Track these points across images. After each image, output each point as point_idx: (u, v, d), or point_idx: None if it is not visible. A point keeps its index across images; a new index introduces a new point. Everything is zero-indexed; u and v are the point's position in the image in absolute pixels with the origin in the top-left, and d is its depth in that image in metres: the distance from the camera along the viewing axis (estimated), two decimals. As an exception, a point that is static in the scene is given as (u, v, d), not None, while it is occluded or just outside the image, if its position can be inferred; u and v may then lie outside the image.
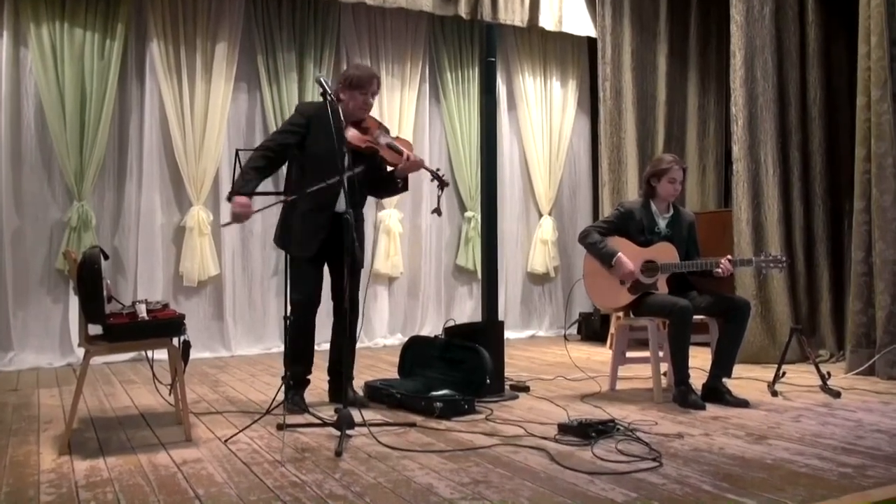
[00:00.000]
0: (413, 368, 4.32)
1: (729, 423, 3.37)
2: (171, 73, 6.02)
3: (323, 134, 3.58)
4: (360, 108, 3.72)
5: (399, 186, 3.88)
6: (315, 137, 3.68)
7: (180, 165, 6.05)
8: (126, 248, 5.98)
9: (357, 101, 3.70)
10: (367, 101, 3.74)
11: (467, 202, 7.12)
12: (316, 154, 3.64)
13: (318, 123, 3.66)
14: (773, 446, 2.95)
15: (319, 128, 3.65)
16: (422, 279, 6.96)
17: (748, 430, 3.24)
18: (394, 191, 3.94)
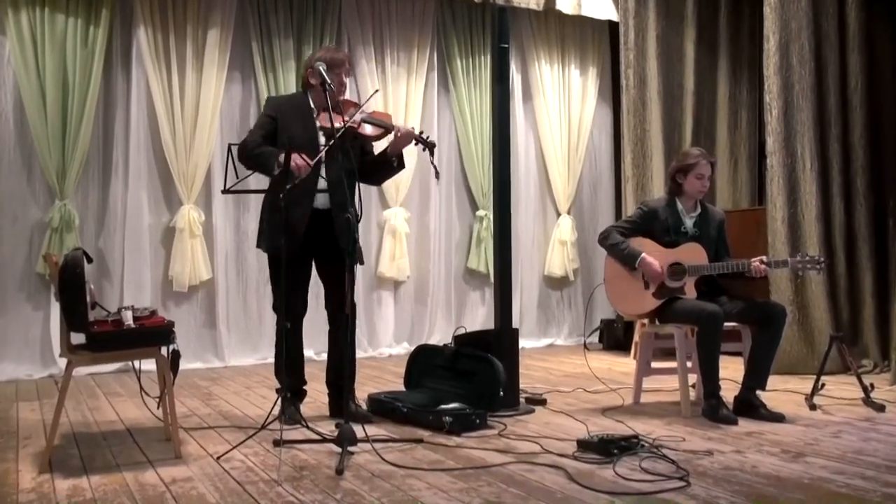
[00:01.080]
0: (420, 380, 4.32)
1: (763, 440, 3.36)
2: (159, 62, 6.01)
3: (292, 123, 3.75)
4: (337, 91, 3.76)
5: (395, 166, 3.92)
6: (285, 127, 3.78)
7: (169, 161, 6.04)
8: (111, 251, 5.98)
9: (334, 83, 3.72)
10: (341, 82, 3.82)
11: (479, 200, 7.10)
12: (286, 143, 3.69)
13: (286, 113, 3.81)
14: (810, 464, 2.94)
15: (288, 117, 3.79)
16: (430, 283, 6.95)
17: (784, 446, 3.23)
18: (389, 171, 3.97)
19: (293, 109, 3.86)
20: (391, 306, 6.83)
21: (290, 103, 3.92)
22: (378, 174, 4.02)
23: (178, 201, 6.11)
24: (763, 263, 3.89)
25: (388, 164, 3.92)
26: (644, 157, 6.57)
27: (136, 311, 3.25)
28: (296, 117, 3.83)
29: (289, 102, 3.94)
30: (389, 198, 6.78)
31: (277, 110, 3.86)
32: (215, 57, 6.15)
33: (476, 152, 7.08)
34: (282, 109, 3.87)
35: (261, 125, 3.85)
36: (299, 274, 3.83)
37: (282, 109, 3.87)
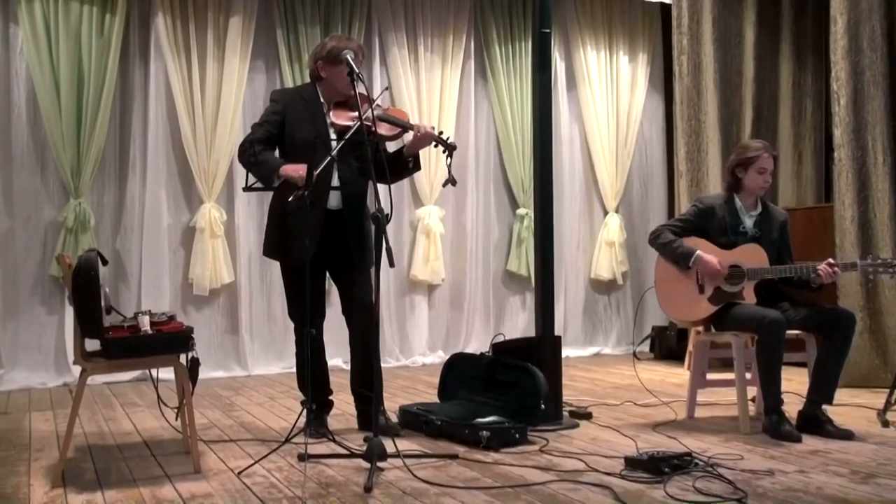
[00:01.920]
0: (456, 391, 4.32)
1: (829, 459, 3.32)
2: (178, 52, 6.09)
3: (301, 119, 3.77)
4: (348, 85, 3.65)
5: (410, 166, 3.92)
6: (292, 124, 3.79)
7: (189, 157, 6.11)
8: (128, 252, 6.06)
9: (344, 77, 3.67)
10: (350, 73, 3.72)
11: (519, 197, 7.10)
12: (294, 142, 3.74)
13: (294, 109, 3.81)
14: (882, 486, 2.90)
15: (296, 112, 3.80)
16: (466, 287, 6.97)
17: (853, 466, 3.19)
18: (404, 172, 3.97)
19: (302, 104, 3.85)
20: (425, 312, 6.85)
21: (299, 97, 3.90)
22: (392, 174, 3.90)
23: (199, 200, 6.17)
24: (830, 267, 3.82)
25: (404, 164, 3.91)
26: (699, 150, 6.51)
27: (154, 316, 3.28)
28: (305, 113, 3.82)
29: (297, 96, 3.92)
30: (423, 195, 6.80)
31: (285, 105, 3.85)
32: (238, 46, 6.21)
33: (516, 146, 7.06)
34: (289, 104, 3.86)
35: (265, 122, 3.83)
36: (315, 279, 3.82)
37: (289, 104, 3.86)
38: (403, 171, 3.95)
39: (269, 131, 3.79)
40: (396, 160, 3.91)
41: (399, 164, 3.90)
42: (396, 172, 3.92)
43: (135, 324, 3.21)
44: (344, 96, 3.83)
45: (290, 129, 3.79)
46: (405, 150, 3.88)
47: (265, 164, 3.65)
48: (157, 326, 3.22)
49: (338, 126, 3.78)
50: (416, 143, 3.82)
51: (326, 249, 3.80)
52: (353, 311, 3.88)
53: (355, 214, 3.83)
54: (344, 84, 3.72)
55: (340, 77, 3.73)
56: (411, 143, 3.82)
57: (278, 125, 3.80)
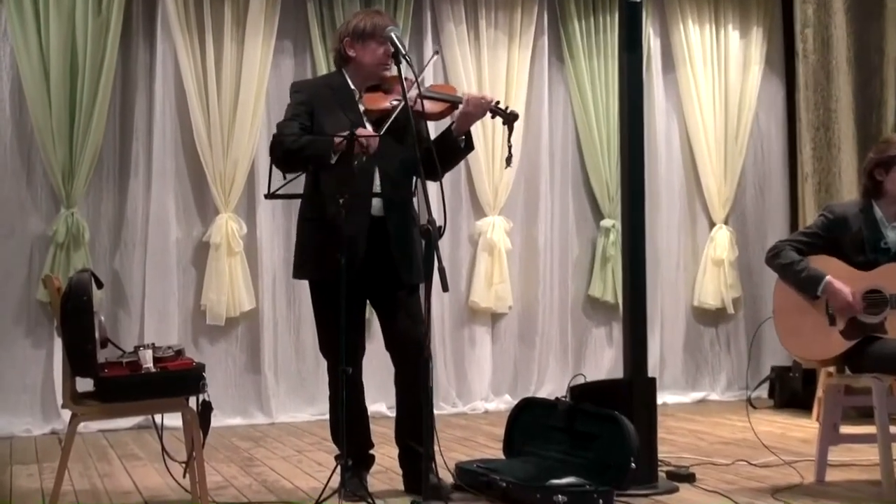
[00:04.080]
0: (525, 445, 4.30)
1: None
2: (190, 32, 6.11)
3: (330, 111, 3.84)
4: (382, 64, 3.83)
5: (462, 147, 3.93)
6: (319, 118, 3.86)
7: (203, 158, 6.14)
8: (129, 272, 6.08)
9: (376, 55, 3.82)
10: (387, 52, 3.83)
11: (604, 206, 7.04)
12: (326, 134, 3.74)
13: (320, 100, 3.89)
14: None
15: (324, 104, 3.87)
16: (539, 317, 6.90)
17: None
18: (454, 155, 3.98)
19: (329, 93, 3.92)
20: (487, 347, 6.80)
21: (326, 86, 4.00)
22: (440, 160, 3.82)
23: (214, 209, 6.19)
24: None
25: (453, 145, 3.92)
26: (829, 146, 6.41)
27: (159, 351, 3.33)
28: (333, 103, 3.88)
29: (323, 86, 4.03)
30: (485, 203, 6.76)
31: (310, 95, 3.94)
32: (261, 24, 6.21)
33: (600, 143, 6.99)
34: (314, 94, 3.94)
35: (294, 116, 3.90)
36: (353, 306, 3.80)
37: (314, 94, 3.94)
38: (454, 154, 3.96)
39: (302, 124, 3.84)
40: (444, 142, 3.92)
41: (447, 147, 3.91)
42: (446, 158, 3.90)
43: (135, 360, 3.25)
44: (377, 78, 3.91)
45: (317, 124, 3.84)
46: (454, 128, 3.90)
47: (314, 142, 3.72)
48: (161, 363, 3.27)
49: (373, 113, 3.83)
50: (465, 116, 3.85)
51: (366, 268, 3.81)
52: (400, 344, 3.87)
53: (401, 221, 3.85)
54: (375, 62, 3.85)
55: (371, 55, 3.84)
56: (460, 116, 3.86)
57: (309, 117, 3.86)
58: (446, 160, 3.91)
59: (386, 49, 3.83)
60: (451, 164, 4.05)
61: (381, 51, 3.83)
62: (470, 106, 3.82)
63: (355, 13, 4.03)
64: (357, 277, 3.75)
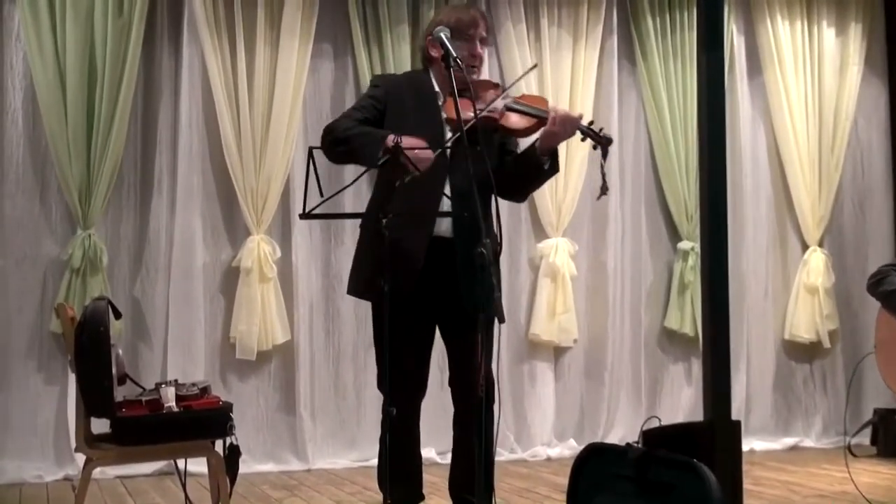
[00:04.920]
0: (592, 496, 4.21)
1: None
2: (219, 34, 6.17)
3: (408, 112, 3.85)
4: (467, 67, 3.78)
5: (546, 168, 3.87)
6: (395, 119, 3.85)
7: (233, 174, 6.18)
8: (151, 301, 6.13)
9: (461, 56, 3.74)
10: (474, 53, 3.87)
11: (681, 226, 7.02)
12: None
13: (400, 99, 3.91)
14: None
15: (402, 104, 3.89)
16: (608, 351, 6.87)
17: None
18: (537, 177, 3.94)
19: (411, 93, 3.95)
20: (550, 385, 6.78)
21: (407, 85, 4.03)
22: (521, 181, 3.96)
23: (245, 230, 6.22)
24: None
25: (536, 165, 3.86)
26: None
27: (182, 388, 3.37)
28: (414, 105, 3.90)
29: (405, 84, 4.04)
30: (546, 223, 6.74)
31: (387, 92, 3.96)
32: (297, 25, 6.27)
33: (676, 154, 6.97)
34: (394, 91, 3.96)
35: (361, 107, 3.93)
36: (415, 334, 3.85)
37: (394, 91, 3.96)
38: (537, 175, 3.92)
39: (364, 117, 3.86)
40: (526, 161, 3.89)
41: (530, 166, 3.87)
42: (527, 178, 3.93)
43: (156, 398, 3.31)
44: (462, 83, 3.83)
45: (391, 125, 3.81)
46: (538, 146, 3.84)
47: (364, 136, 3.72)
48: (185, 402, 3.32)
49: (454, 122, 3.76)
50: (551, 134, 3.78)
51: (436, 295, 3.83)
52: (465, 384, 3.81)
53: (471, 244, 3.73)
54: None
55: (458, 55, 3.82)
56: (545, 133, 3.80)
57: (377, 115, 3.88)
58: (527, 181, 3.96)
59: (473, 50, 3.88)
60: (532, 185, 4.07)
61: (465, 51, 3.81)
62: (556, 124, 3.76)
63: (447, 7, 4.03)
64: (424, 306, 3.82)
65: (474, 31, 3.88)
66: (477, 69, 3.93)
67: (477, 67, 3.92)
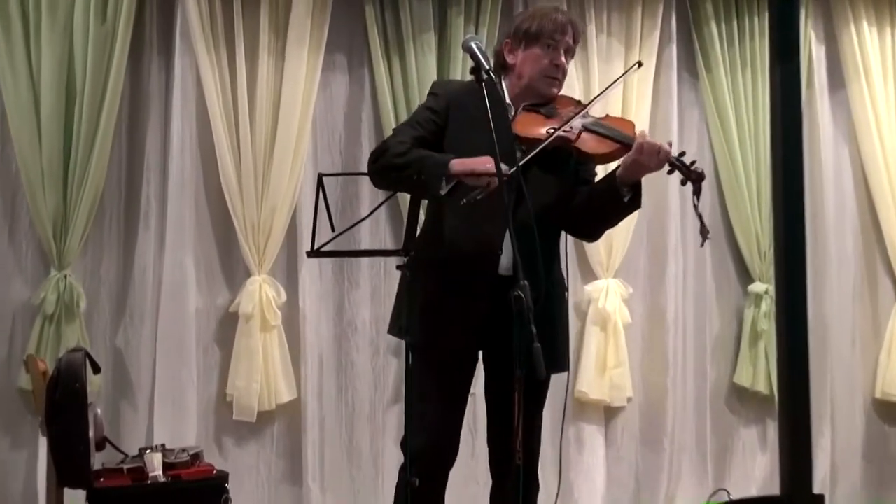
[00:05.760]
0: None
1: None
2: (216, 43, 6.08)
3: (470, 127, 3.81)
4: (546, 78, 3.90)
5: (626, 200, 3.84)
6: (457, 134, 3.88)
7: (231, 204, 6.09)
8: (135, 352, 6.05)
9: (540, 65, 3.89)
10: (555, 63, 3.91)
11: (753, 265, 6.94)
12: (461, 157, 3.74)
13: (463, 110, 3.91)
14: None
15: (465, 117, 3.89)
16: (668, 412, 6.81)
17: None
18: (615, 210, 3.92)
19: (476, 104, 3.82)
20: (600, 451, 6.72)
21: (473, 94, 3.91)
22: (595, 215, 3.95)
23: (245, 271, 6.14)
24: None
25: (615, 197, 3.83)
26: None
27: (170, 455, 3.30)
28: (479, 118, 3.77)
29: (470, 92, 3.95)
30: (595, 262, 6.67)
31: (449, 101, 3.97)
32: (307, 33, 6.16)
33: (747, 181, 6.90)
34: (456, 102, 3.96)
35: (416, 123, 3.97)
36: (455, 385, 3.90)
37: (456, 102, 3.96)
38: (614, 209, 3.90)
39: (421, 136, 3.89)
40: (604, 192, 3.87)
41: (607, 198, 3.86)
42: (602, 212, 3.93)
43: (140, 465, 3.25)
44: (538, 95, 3.96)
45: (453, 140, 3.88)
46: (619, 175, 3.82)
47: (426, 159, 3.72)
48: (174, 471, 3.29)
49: (525, 140, 3.81)
50: (635, 164, 3.75)
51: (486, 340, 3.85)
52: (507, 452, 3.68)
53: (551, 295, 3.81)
54: (535, 74, 3.92)
55: (533, 64, 3.92)
56: (628, 162, 3.77)
57: (436, 131, 3.91)
58: (603, 215, 3.97)
59: (555, 59, 3.92)
60: (607, 221, 4.06)
61: (546, 61, 3.89)
62: (643, 153, 3.72)
63: (528, 9, 4.01)
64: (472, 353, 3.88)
65: (560, 37, 3.89)
66: (559, 82, 3.95)
67: (559, 80, 3.95)
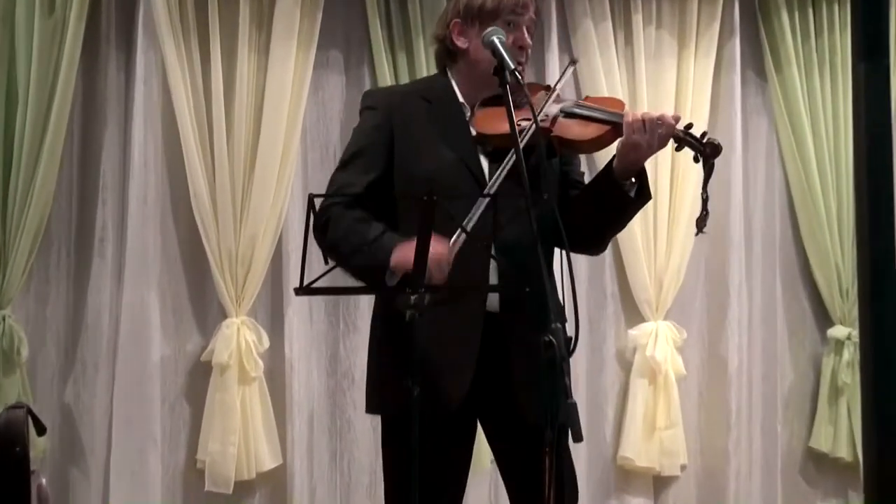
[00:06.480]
0: None
1: None
2: (186, 37, 6.02)
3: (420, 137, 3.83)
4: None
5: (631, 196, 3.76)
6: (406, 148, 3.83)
7: (204, 231, 6.01)
8: (88, 410, 6.00)
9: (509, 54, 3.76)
10: (520, 44, 3.78)
11: (832, 306, 6.94)
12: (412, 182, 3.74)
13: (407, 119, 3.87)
14: None
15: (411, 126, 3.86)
16: (730, 482, 6.77)
17: None
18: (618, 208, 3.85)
19: (422, 108, 3.87)
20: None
21: (416, 97, 3.95)
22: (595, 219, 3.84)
23: (219, 310, 6.10)
24: None
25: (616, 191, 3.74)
26: None
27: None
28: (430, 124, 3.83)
29: (413, 96, 3.97)
30: (642, 301, 6.65)
31: (389, 113, 3.88)
32: (294, 24, 6.13)
33: (825, 203, 6.90)
34: (399, 112, 3.88)
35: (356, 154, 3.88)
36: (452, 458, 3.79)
37: (399, 112, 3.88)
38: (617, 206, 3.81)
39: (364, 173, 3.82)
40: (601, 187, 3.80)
41: (607, 196, 3.78)
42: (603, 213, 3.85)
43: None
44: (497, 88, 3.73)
45: (402, 158, 3.80)
46: (615, 164, 3.73)
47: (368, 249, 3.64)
48: None
49: (491, 140, 3.71)
50: (632, 145, 3.65)
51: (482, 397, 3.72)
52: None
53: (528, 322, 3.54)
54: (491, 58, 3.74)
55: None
56: (623, 144, 3.68)
57: (382, 155, 3.82)
58: (604, 217, 3.87)
59: (519, 39, 3.79)
60: (611, 224, 3.97)
61: (510, 39, 3.70)
62: (636, 130, 3.62)
63: None
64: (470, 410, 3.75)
65: (522, 12, 3.80)
66: (523, 67, 3.81)
67: (523, 65, 3.82)
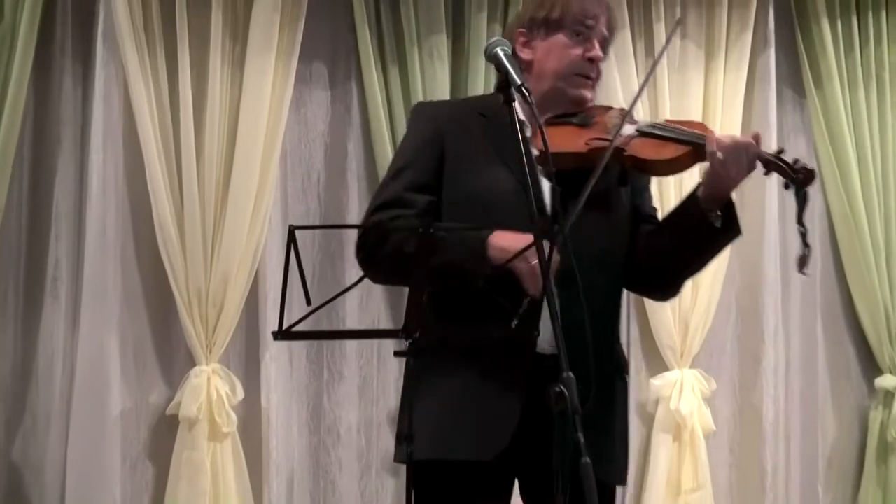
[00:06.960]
0: None
1: None
2: (152, 52, 5.98)
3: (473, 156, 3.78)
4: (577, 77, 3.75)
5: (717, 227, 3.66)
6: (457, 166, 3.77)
7: (170, 267, 5.95)
8: (38, 468, 5.98)
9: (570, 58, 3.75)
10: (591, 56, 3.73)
11: (880, 352, 6.84)
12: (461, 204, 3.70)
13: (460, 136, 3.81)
14: None
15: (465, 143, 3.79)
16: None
17: None
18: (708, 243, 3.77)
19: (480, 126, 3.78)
20: None
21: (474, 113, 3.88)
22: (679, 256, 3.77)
23: (187, 358, 6.04)
24: None
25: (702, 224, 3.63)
26: None
27: None
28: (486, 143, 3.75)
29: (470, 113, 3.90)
30: (665, 347, 6.58)
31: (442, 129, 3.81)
32: (273, 34, 6.08)
33: (871, 234, 6.83)
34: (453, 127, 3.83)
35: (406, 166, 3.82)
36: None
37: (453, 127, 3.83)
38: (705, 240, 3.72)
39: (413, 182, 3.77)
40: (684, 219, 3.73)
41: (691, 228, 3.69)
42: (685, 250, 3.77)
43: None
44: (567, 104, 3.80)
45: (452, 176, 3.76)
46: (701, 194, 3.66)
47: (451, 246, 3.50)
48: None
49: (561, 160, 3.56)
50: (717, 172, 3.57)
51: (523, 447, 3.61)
52: None
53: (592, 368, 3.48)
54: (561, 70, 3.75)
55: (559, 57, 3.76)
56: (709, 172, 3.60)
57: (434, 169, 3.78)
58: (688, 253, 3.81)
59: (589, 51, 3.75)
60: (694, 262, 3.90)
61: (578, 50, 3.71)
62: (721, 154, 3.53)
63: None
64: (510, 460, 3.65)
65: (593, 24, 3.74)
66: (592, 85, 3.82)
67: (593, 82, 3.81)
